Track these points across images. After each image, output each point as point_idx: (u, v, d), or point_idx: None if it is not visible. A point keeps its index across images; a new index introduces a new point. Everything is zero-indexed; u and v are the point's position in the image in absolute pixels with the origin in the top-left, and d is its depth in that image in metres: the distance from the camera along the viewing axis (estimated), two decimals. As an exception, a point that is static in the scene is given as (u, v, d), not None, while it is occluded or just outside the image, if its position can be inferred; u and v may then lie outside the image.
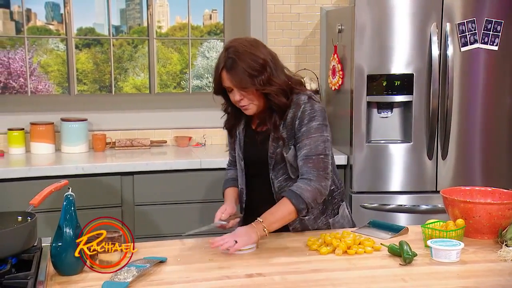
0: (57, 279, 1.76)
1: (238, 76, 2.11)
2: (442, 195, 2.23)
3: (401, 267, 1.88)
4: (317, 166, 2.15)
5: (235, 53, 2.12)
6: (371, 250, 2.02)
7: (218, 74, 2.15)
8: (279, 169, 2.26)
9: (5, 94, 4.19)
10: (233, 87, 2.14)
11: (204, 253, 2.03)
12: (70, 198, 1.83)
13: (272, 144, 2.23)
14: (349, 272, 1.85)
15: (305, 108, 2.19)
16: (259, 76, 2.12)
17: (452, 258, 1.91)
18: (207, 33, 4.48)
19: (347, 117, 3.65)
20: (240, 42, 2.20)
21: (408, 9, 3.51)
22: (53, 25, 4.29)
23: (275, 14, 4.10)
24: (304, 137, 2.17)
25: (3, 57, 4.16)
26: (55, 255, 1.77)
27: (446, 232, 2.03)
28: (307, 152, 2.16)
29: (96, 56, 4.35)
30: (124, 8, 4.42)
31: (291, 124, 2.20)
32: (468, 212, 2.12)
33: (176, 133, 4.05)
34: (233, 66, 2.11)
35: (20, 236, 1.76)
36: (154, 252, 2.01)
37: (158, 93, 4.28)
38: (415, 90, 3.55)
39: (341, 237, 2.07)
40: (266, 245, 2.11)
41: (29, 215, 1.89)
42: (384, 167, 3.60)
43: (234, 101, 2.19)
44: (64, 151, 3.78)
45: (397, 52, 3.53)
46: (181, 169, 3.50)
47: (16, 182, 3.28)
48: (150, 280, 1.77)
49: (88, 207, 3.34)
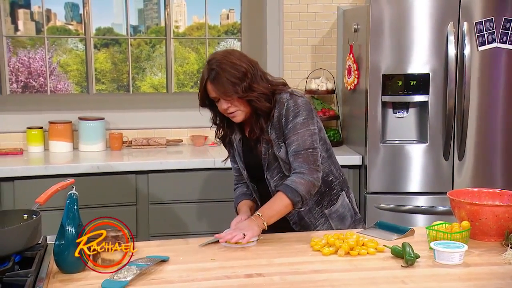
0: (59, 277, 1.79)
1: (222, 86, 2.20)
2: (449, 197, 2.21)
3: (402, 269, 1.87)
4: (307, 160, 2.23)
5: (217, 65, 2.22)
6: (374, 252, 2.01)
7: (203, 86, 2.25)
8: (274, 169, 2.33)
9: (26, 93, 4.26)
10: (219, 97, 2.23)
11: (207, 253, 2.04)
12: (73, 197, 1.86)
13: (263, 145, 2.31)
14: (350, 273, 1.84)
15: (288, 105, 2.25)
16: (241, 84, 2.21)
17: (455, 261, 1.89)
18: (224, 32, 4.49)
19: (362, 117, 3.64)
20: (220, 54, 2.29)
21: (425, 8, 3.48)
22: (72, 25, 4.34)
23: (291, 13, 4.09)
24: (291, 134, 2.25)
25: (24, 57, 4.24)
26: (58, 253, 1.79)
27: (451, 234, 2.01)
28: (296, 147, 2.24)
29: (114, 55, 4.40)
30: (142, 8, 4.46)
31: (278, 123, 2.27)
32: (475, 214, 2.10)
33: (192, 132, 4.07)
34: (216, 77, 2.20)
35: (23, 234, 1.79)
36: (158, 251, 2.02)
37: (175, 92, 4.31)
38: (431, 90, 3.52)
39: (344, 238, 2.06)
40: (270, 245, 2.11)
41: (35, 213, 1.92)
42: (399, 167, 3.58)
43: (222, 110, 2.28)
44: (81, 150, 3.83)
45: (413, 51, 3.50)
46: (195, 168, 3.52)
47: (33, 180, 3.33)
48: (150, 279, 1.79)
49: (103, 205, 3.40)
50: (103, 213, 3.34)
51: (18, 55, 4.23)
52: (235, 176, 2.57)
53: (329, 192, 2.44)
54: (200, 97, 2.30)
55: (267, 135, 2.28)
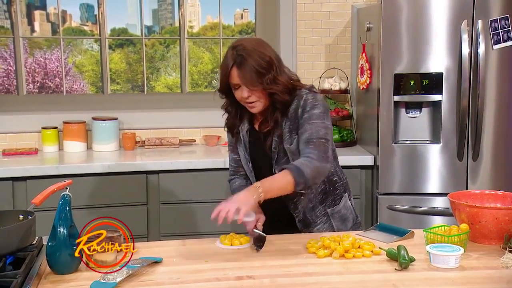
0: (50, 278, 1.80)
1: (247, 73, 2.15)
2: (449, 199, 2.17)
3: (396, 272, 1.84)
4: (318, 148, 2.18)
5: (244, 51, 2.17)
6: (370, 254, 1.99)
7: (227, 71, 2.19)
8: (282, 164, 2.29)
9: (42, 93, 4.31)
10: (242, 84, 2.17)
11: (202, 254, 2.03)
12: (66, 198, 1.87)
13: (274, 139, 2.28)
14: (342, 276, 1.82)
15: (307, 97, 2.25)
16: (267, 75, 2.17)
17: (450, 264, 1.85)
18: (238, 32, 4.49)
19: (374, 117, 3.59)
20: (248, 41, 2.26)
21: (438, 6, 3.42)
22: (88, 26, 4.39)
23: (305, 12, 4.07)
24: (306, 123, 2.22)
25: (40, 58, 4.30)
26: (50, 254, 1.81)
27: (448, 237, 1.97)
28: (309, 136, 2.20)
29: (128, 56, 4.43)
30: (156, 8, 4.49)
31: (295, 113, 2.25)
32: (474, 216, 2.05)
33: (205, 132, 4.08)
34: (242, 63, 2.15)
35: (15, 234, 1.80)
36: (154, 252, 2.03)
37: (190, 92, 4.32)
38: (445, 90, 3.46)
39: (340, 240, 2.04)
40: (265, 247, 2.10)
41: (30, 214, 1.94)
42: (412, 168, 3.52)
43: (241, 98, 2.22)
44: (95, 150, 3.87)
45: (426, 50, 3.44)
46: (206, 168, 3.53)
47: (45, 180, 3.36)
48: (140, 280, 1.79)
49: (114, 205, 3.43)
50: (114, 213, 3.37)
51: (35, 56, 4.29)
52: (232, 167, 2.52)
53: (333, 192, 2.43)
54: (221, 82, 2.25)
55: (280, 129, 2.25)
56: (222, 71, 2.23)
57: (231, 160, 2.51)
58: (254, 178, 2.39)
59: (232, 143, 2.47)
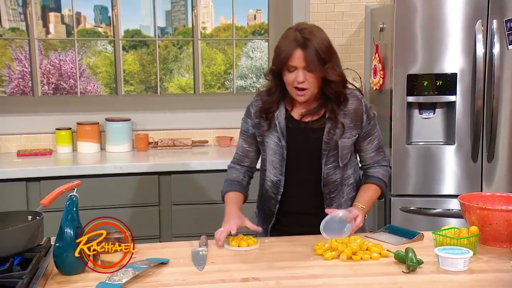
0: (57, 279, 1.81)
1: (311, 56, 2.13)
2: (459, 201, 2.14)
3: (403, 275, 1.82)
4: (385, 155, 2.42)
5: (309, 34, 2.16)
6: (378, 257, 1.97)
7: (290, 52, 2.15)
8: (330, 157, 2.28)
9: (56, 94, 4.35)
10: (302, 67, 2.15)
11: (209, 255, 2.03)
12: (73, 199, 1.88)
13: (330, 131, 2.26)
14: (348, 279, 1.80)
15: (366, 104, 2.34)
16: (328, 62, 2.18)
17: (459, 267, 1.83)
18: (252, 33, 4.49)
19: (387, 118, 3.57)
20: (311, 26, 2.25)
21: (452, 6, 3.38)
22: (101, 28, 4.42)
23: (318, 13, 4.05)
24: (374, 130, 2.35)
25: (55, 59, 4.33)
26: (56, 254, 1.82)
27: (458, 240, 1.95)
28: (378, 143, 2.37)
29: (142, 57, 4.45)
30: (170, 9, 4.50)
31: (355, 115, 2.27)
32: (485, 219, 2.03)
33: (217, 133, 4.08)
34: (307, 45, 2.14)
35: (23, 235, 1.81)
36: (161, 253, 2.03)
37: (203, 93, 4.33)
38: (459, 90, 3.42)
39: (348, 242, 2.02)
40: (273, 248, 2.10)
41: (38, 215, 1.95)
42: (426, 169, 3.49)
43: (292, 82, 2.18)
44: (108, 151, 3.89)
45: (440, 51, 3.40)
46: (218, 169, 3.52)
47: (58, 180, 3.38)
48: (146, 281, 1.79)
49: (126, 206, 3.44)
50: (126, 214, 3.42)
51: (49, 58, 4.33)
52: (238, 155, 2.46)
53: None
54: (277, 63, 2.19)
55: (336, 122, 2.25)
56: (283, 51, 2.17)
57: (239, 148, 2.46)
58: (284, 168, 2.32)
59: (247, 132, 2.39)
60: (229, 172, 2.48)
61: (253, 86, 4.65)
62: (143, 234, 3.41)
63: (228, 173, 2.48)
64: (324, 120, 2.27)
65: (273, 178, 2.35)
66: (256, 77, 4.59)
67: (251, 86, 4.65)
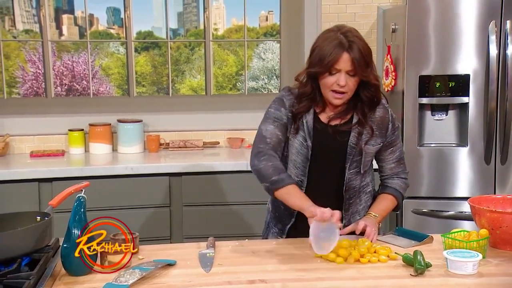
0: (64, 279, 1.82)
1: (357, 60, 2.11)
2: (469, 204, 2.12)
3: (411, 278, 1.80)
4: (405, 166, 2.41)
5: (354, 37, 2.15)
6: (386, 259, 1.95)
7: (337, 56, 2.11)
8: (353, 162, 2.27)
9: (69, 96, 4.37)
10: (347, 71, 2.12)
11: (216, 257, 2.02)
12: (81, 200, 1.88)
13: (356, 136, 2.25)
14: (354, 282, 1.79)
15: (392, 113, 2.33)
16: (370, 65, 2.17)
17: (468, 270, 1.81)
18: (263, 34, 4.48)
19: (399, 120, 3.53)
20: (351, 28, 2.22)
21: (465, 7, 3.35)
22: (114, 29, 4.44)
23: (330, 14, 4.04)
24: (397, 141, 2.35)
25: (68, 61, 4.36)
26: (64, 255, 1.82)
27: (467, 243, 1.93)
28: (400, 154, 2.37)
29: (154, 58, 4.46)
30: (182, 11, 4.51)
31: (381, 123, 2.27)
32: (495, 222, 2.00)
33: (229, 135, 4.08)
34: (353, 48, 2.12)
35: (31, 236, 1.82)
36: (169, 255, 2.03)
37: (214, 94, 4.33)
38: (472, 92, 3.40)
39: (356, 245, 2.01)
40: (282, 251, 2.09)
41: (47, 215, 1.96)
42: (438, 172, 3.47)
43: (332, 84, 2.14)
44: (120, 152, 3.90)
45: (453, 52, 3.38)
46: (228, 170, 3.53)
47: (70, 181, 3.38)
48: (153, 283, 1.79)
49: (136, 207, 3.45)
50: (136, 215, 3.43)
51: (63, 59, 4.35)
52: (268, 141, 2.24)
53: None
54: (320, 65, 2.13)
55: (363, 127, 2.24)
56: (328, 54, 2.11)
57: (273, 134, 2.24)
58: (307, 169, 2.28)
59: (280, 120, 2.26)
60: (270, 158, 2.21)
61: (265, 88, 4.65)
62: (153, 235, 3.42)
63: (268, 157, 2.21)
64: (350, 124, 2.26)
65: (294, 178, 2.28)
66: (267, 78, 4.59)
67: (263, 87, 4.64)
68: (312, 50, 2.22)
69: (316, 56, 2.17)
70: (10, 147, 3.91)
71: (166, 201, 3.50)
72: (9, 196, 3.32)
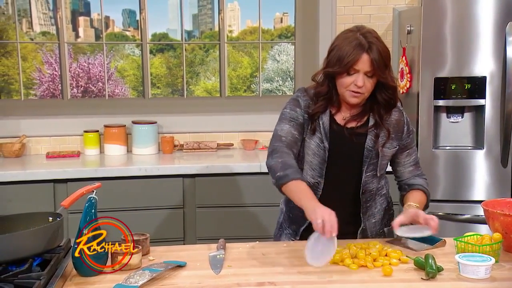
0: (75, 280, 1.82)
1: (377, 62, 2.10)
2: (483, 207, 2.09)
3: (422, 282, 1.78)
4: (423, 172, 2.43)
5: (373, 38, 2.13)
6: (397, 263, 1.93)
7: (357, 56, 2.09)
8: (370, 165, 2.27)
9: (85, 97, 4.40)
10: (365, 72, 2.11)
11: (226, 259, 2.02)
12: (92, 201, 1.89)
13: (372, 138, 2.24)
14: (365, 285, 1.77)
15: (406, 116, 2.34)
16: (388, 67, 2.16)
17: (480, 275, 1.79)
18: (278, 36, 4.48)
19: (414, 122, 3.51)
20: (371, 29, 2.19)
21: (481, 8, 3.32)
22: (129, 31, 4.46)
23: (345, 16, 4.02)
24: (412, 145, 2.36)
25: (84, 63, 4.39)
26: (75, 256, 1.83)
27: (480, 247, 1.90)
28: (416, 157, 2.38)
29: (169, 60, 4.48)
30: (196, 13, 4.52)
31: (397, 125, 2.28)
32: (509, 226, 1.98)
33: (243, 136, 4.08)
34: (373, 50, 2.10)
35: (42, 236, 1.83)
36: (179, 256, 2.03)
37: (229, 96, 4.33)
38: (488, 94, 3.36)
39: (366, 248, 2.00)
40: (292, 253, 2.07)
41: (59, 216, 1.97)
42: (453, 174, 3.43)
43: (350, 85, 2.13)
44: (134, 153, 3.92)
45: (469, 53, 3.35)
46: (242, 172, 3.52)
47: (84, 182, 3.39)
48: (162, 284, 1.79)
49: (150, 208, 3.46)
50: (150, 216, 3.44)
51: (79, 61, 4.38)
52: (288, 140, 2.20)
53: (388, 211, 2.45)
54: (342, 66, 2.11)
55: (379, 130, 2.23)
56: (348, 55, 2.09)
57: (288, 133, 2.21)
58: (324, 171, 2.25)
59: (296, 120, 2.23)
60: (282, 155, 2.17)
61: (279, 89, 4.64)
62: (167, 237, 3.43)
63: (280, 154, 2.17)
64: (367, 127, 2.25)
65: (310, 179, 2.27)
66: (282, 80, 4.58)
67: (277, 89, 4.64)
68: (330, 49, 2.19)
69: (334, 56, 2.14)
70: (26, 148, 3.94)
71: (180, 202, 3.51)
72: (25, 197, 3.35)
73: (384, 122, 2.23)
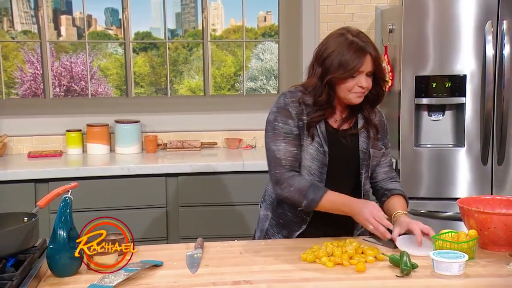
0: (49, 280, 1.81)
1: (377, 60, 2.15)
2: (458, 205, 2.11)
3: (396, 279, 1.79)
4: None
5: (366, 38, 2.16)
6: (373, 260, 1.94)
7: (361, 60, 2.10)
8: (365, 166, 2.29)
9: (68, 96, 4.38)
10: (367, 72, 2.13)
11: (203, 258, 2.02)
12: (67, 201, 1.88)
13: (365, 140, 2.27)
14: (340, 283, 1.78)
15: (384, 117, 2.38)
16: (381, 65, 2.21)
17: (454, 271, 1.80)
18: (262, 35, 4.48)
19: (395, 120, 3.53)
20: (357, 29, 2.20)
21: (461, 7, 3.34)
22: (112, 30, 4.45)
23: (327, 14, 4.03)
24: (389, 145, 2.38)
25: (66, 62, 4.37)
26: (50, 256, 1.82)
27: (458, 244, 1.91)
28: (390, 158, 2.41)
29: (152, 59, 4.47)
30: (180, 12, 4.51)
31: (380, 127, 2.32)
32: (483, 223, 1.99)
33: (227, 135, 4.08)
34: (372, 49, 2.13)
35: (16, 236, 1.82)
36: (157, 256, 2.02)
37: (212, 95, 4.33)
38: (468, 92, 3.38)
39: (343, 246, 2.00)
40: (269, 251, 2.08)
41: (34, 216, 1.96)
42: (435, 172, 3.45)
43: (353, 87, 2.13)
44: (117, 152, 3.91)
45: (449, 52, 3.37)
46: (225, 171, 3.52)
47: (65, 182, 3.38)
48: (137, 284, 1.79)
49: (133, 207, 3.46)
50: (133, 215, 3.43)
51: (61, 60, 4.36)
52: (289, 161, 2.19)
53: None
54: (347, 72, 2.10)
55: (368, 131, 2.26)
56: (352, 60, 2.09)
57: (286, 152, 2.19)
58: (325, 175, 2.22)
59: (291, 134, 2.20)
60: (290, 182, 2.17)
61: (263, 88, 4.64)
62: (150, 236, 3.43)
63: (287, 183, 2.18)
64: (357, 128, 2.27)
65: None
66: (266, 78, 4.59)
67: (261, 88, 4.64)
68: (325, 56, 2.14)
69: (335, 63, 2.11)
70: (8, 148, 3.92)
71: (163, 201, 3.50)
72: (5, 197, 3.33)
73: (372, 118, 2.26)
